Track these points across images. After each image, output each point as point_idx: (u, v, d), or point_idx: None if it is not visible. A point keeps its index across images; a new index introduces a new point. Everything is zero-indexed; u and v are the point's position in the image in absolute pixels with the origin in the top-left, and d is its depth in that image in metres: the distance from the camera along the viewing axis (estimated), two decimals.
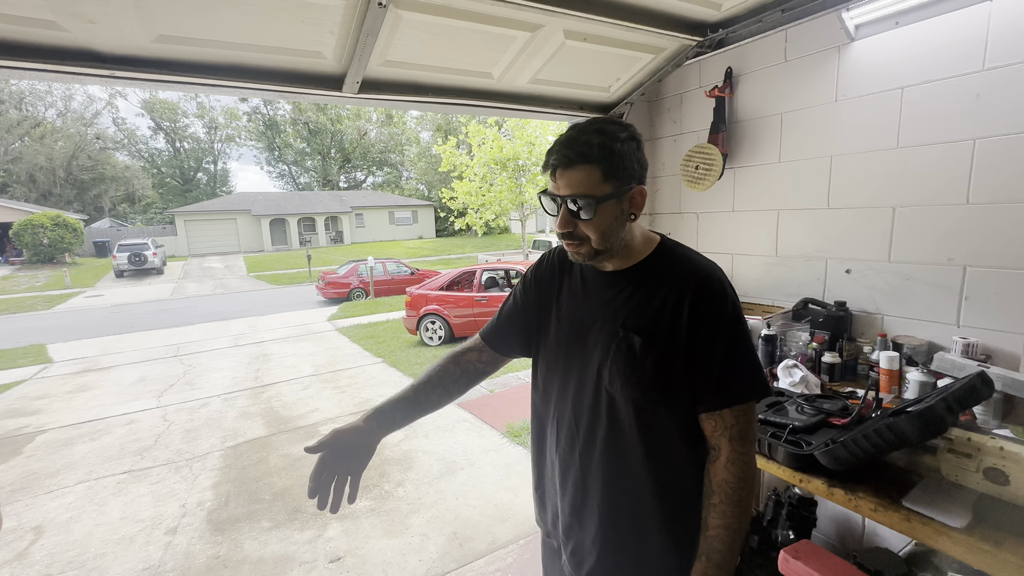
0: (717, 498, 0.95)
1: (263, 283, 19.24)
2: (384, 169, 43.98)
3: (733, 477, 0.94)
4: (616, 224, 0.96)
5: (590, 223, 0.94)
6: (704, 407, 0.96)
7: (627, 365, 0.97)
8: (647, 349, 0.96)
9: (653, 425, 0.98)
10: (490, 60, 1.79)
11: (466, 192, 14.55)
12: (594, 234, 0.95)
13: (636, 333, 0.97)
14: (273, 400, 5.41)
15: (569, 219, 0.94)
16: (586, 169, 0.91)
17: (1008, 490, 1.02)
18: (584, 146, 0.90)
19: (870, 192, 1.86)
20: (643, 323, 0.97)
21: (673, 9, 1.69)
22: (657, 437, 0.98)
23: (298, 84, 1.65)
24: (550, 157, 0.94)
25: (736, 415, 0.94)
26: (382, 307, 12.06)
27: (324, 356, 7.51)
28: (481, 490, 3.10)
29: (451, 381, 1.19)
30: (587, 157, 0.90)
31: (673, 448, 0.99)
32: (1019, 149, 1.49)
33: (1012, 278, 1.54)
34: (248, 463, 3.80)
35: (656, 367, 0.95)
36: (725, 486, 0.94)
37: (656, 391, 0.96)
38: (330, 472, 1.01)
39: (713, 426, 0.96)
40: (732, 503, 0.94)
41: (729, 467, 0.94)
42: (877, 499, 1.14)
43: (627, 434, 1.00)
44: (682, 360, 0.95)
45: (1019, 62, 1.47)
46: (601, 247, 0.96)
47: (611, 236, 0.96)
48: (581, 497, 1.07)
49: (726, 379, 0.94)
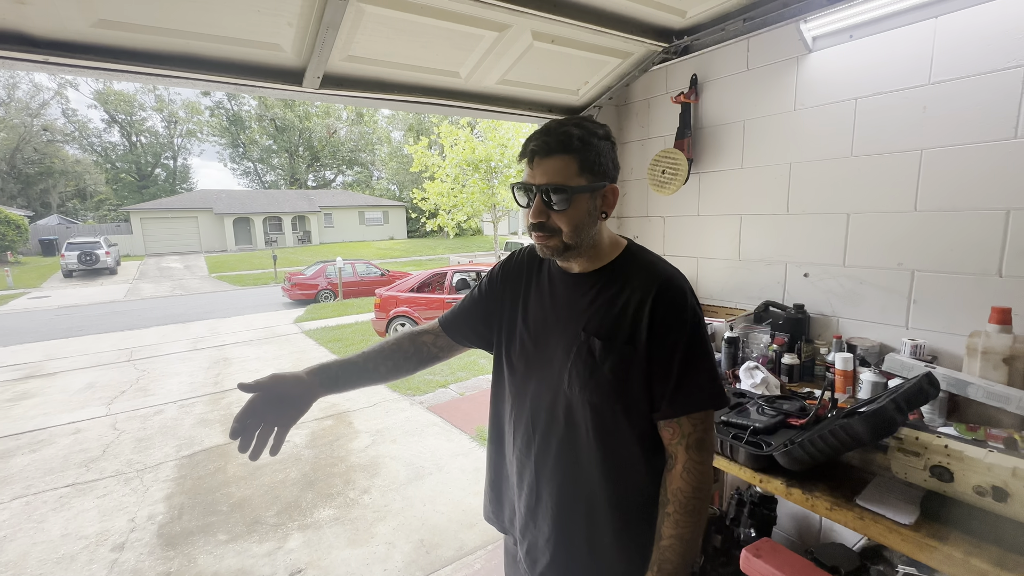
0: (672, 507, 0.94)
1: (225, 284, 18.52)
2: (354, 168, 43.19)
3: (688, 486, 0.93)
4: (588, 220, 0.95)
5: (563, 215, 0.93)
6: (661, 414, 0.95)
7: (586, 369, 0.96)
8: (606, 353, 0.95)
9: (611, 431, 0.97)
10: (457, 59, 1.76)
11: (438, 193, 14.42)
12: (566, 227, 0.94)
13: (596, 337, 0.96)
14: (234, 406, 5.19)
15: (543, 209, 0.94)
16: (564, 159, 0.90)
17: (952, 487, 1.05)
18: (564, 136, 0.91)
19: (826, 199, 1.92)
20: (604, 327, 0.97)
21: (640, 15, 1.71)
22: (614, 443, 0.98)
23: (256, 77, 1.58)
24: (529, 144, 0.93)
25: (693, 423, 0.94)
26: (351, 309, 11.80)
27: (289, 359, 7.28)
28: (449, 495, 3.05)
29: (402, 357, 1.17)
30: (566, 147, 0.90)
31: (630, 455, 0.98)
32: (961, 160, 1.57)
33: (955, 282, 1.61)
34: (204, 473, 3.63)
35: (614, 372, 0.95)
36: (680, 495, 0.93)
37: (614, 396, 0.96)
38: (258, 418, 0.95)
39: (671, 434, 0.95)
40: (686, 512, 0.93)
41: (685, 476, 0.93)
42: (832, 498, 1.16)
43: (583, 439, 0.99)
44: (641, 366, 0.94)
45: (961, 77, 1.55)
46: (571, 241, 0.95)
47: (582, 231, 0.95)
48: (535, 499, 1.07)
49: (683, 386, 0.93)
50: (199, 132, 39.46)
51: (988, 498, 1.00)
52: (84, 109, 60.89)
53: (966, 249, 1.59)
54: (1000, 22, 1.47)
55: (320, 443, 4.00)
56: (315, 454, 3.78)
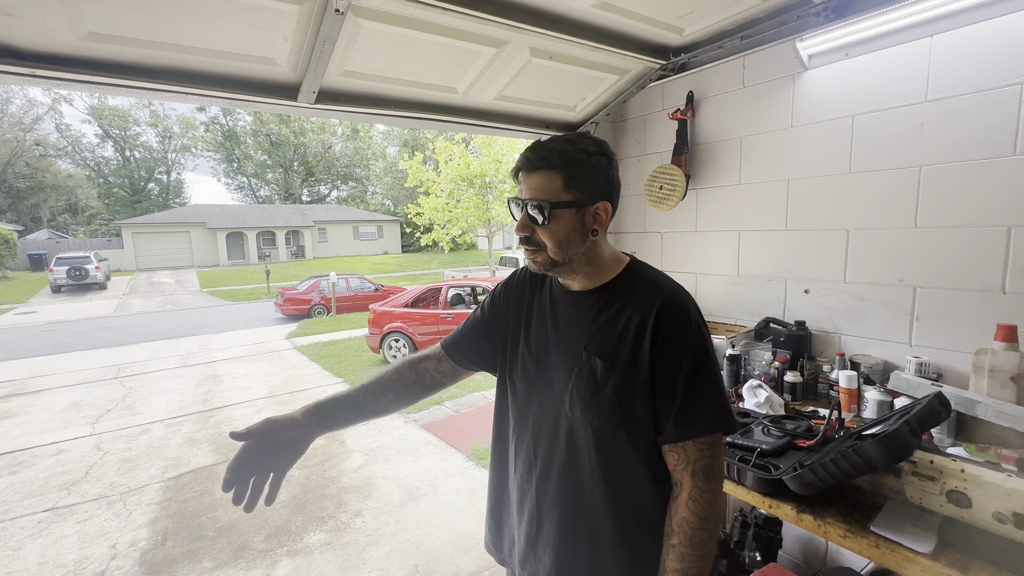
0: (676, 539, 0.89)
1: (217, 299, 18.32)
2: (349, 183, 43.29)
3: (694, 516, 0.87)
4: (575, 236, 0.93)
5: (546, 229, 0.92)
6: (666, 438, 0.91)
7: (588, 389, 0.93)
8: (608, 373, 0.92)
9: (614, 455, 0.93)
10: (455, 75, 1.75)
11: (432, 208, 14.46)
12: (550, 242, 0.93)
13: (598, 356, 0.93)
14: (223, 425, 5.07)
15: (527, 223, 0.94)
16: (547, 175, 0.91)
17: (970, 513, 1.02)
18: (548, 152, 0.91)
19: (825, 215, 1.91)
20: (606, 346, 0.93)
21: (637, 32, 1.71)
22: (618, 468, 0.93)
23: (250, 92, 1.56)
24: (518, 160, 0.94)
25: (700, 448, 0.89)
26: (344, 324, 11.69)
27: (280, 376, 7.16)
28: (444, 518, 2.96)
29: (404, 387, 1.11)
30: (549, 163, 0.91)
31: (635, 482, 0.94)
32: (960, 176, 1.56)
33: (958, 299, 1.59)
34: (191, 495, 3.51)
35: (617, 392, 0.91)
36: (685, 526, 0.88)
37: (617, 418, 0.92)
38: (251, 466, 0.89)
39: (676, 459, 0.91)
40: (692, 545, 0.87)
41: (690, 505, 0.88)
42: (846, 525, 1.12)
43: (586, 463, 0.95)
44: (644, 386, 0.90)
45: (958, 95, 1.55)
46: (557, 257, 0.94)
47: (568, 247, 0.93)
48: (536, 527, 1.02)
49: (688, 409, 0.88)
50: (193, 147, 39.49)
51: (1009, 525, 0.96)
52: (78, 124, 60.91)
53: (968, 266, 1.57)
54: (995, 40, 1.48)
55: (311, 463, 3.89)
56: (306, 475, 3.67)
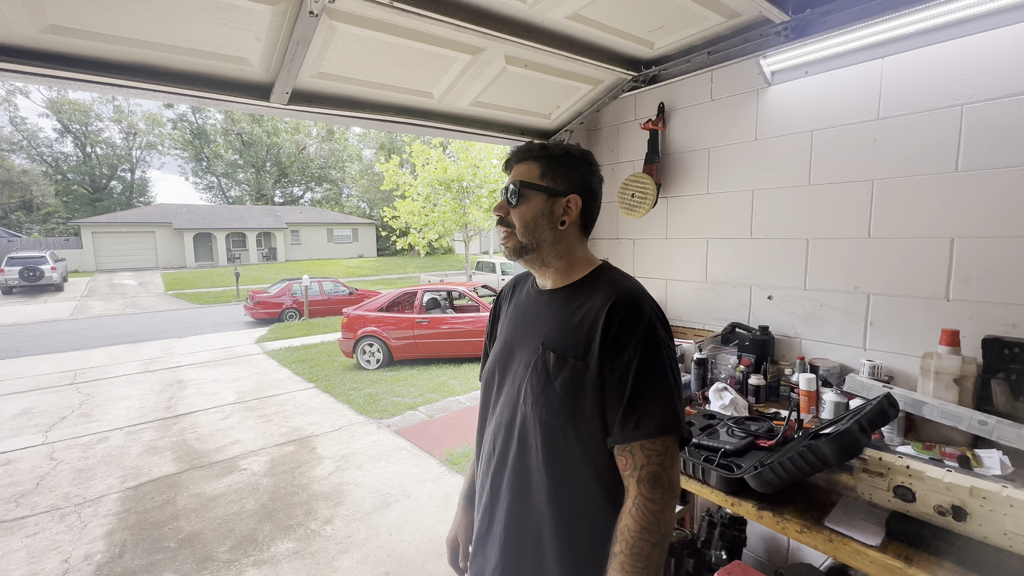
0: (618, 547, 0.84)
1: (183, 302, 17.71)
2: (324, 185, 42.50)
3: (636, 525, 0.83)
4: (542, 222, 0.99)
5: (516, 210, 1.01)
6: (613, 439, 0.89)
7: (539, 383, 0.95)
8: (559, 367, 0.93)
9: (560, 452, 0.92)
10: (431, 80, 1.76)
11: (409, 211, 14.37)
12: (518, 222, 1.00)
13: (552, 351, 0.95)
14: (187, 432, 4.90)
15: (503, 204, 1.03)
16: (528, 164, 1.02)
17: (914, 507, 1.08)
18: (533, 146, 1.04)
19: (787, 224, 1.99)
20: (559, 340, 0.95)
21: (610, 44, 1.76)
22: (564, 468, 0.92)
23: (221, 91, 1.54)
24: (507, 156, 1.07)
25: (647, 454, 0.85)
26: (317, 328, 11.46)
27: (249, 382, 6.96)
28: (417, 524, 2.93)
29: None
30: (532, 154, 1.02)
31: (581, 484, 0.92)
32: (909, 190, 1.66)
33: (907, 305, 1.69)
34: (151, 505, 3.37)
35: (565, 388, 0.91)
36: (627, 534, 0.84)
37: (564, 414, 0.92)
38: None
39: (624, 463, 0.88)
40: (632, 555, 0.82)
41: (633, 513, 0.84)
42: (802, 521, 1.17)
43: (533, 460, 0.95)
44: (593, 384, 0.90)
45: (907, 113, 1.65)
46: (524, 239, 1.00)
47: (535, 231, 0.99)
48: (487, 523, 1.04)
49: (636, 409, 0.86)
50: (160, 145, 38.05)
51: (949, 517, 1.02)
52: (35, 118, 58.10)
53: (916, 274, 1.67)
54: (939, 64, 1.58)
55: (280, 471, 3.80)
56: (274, 483, 3.58)
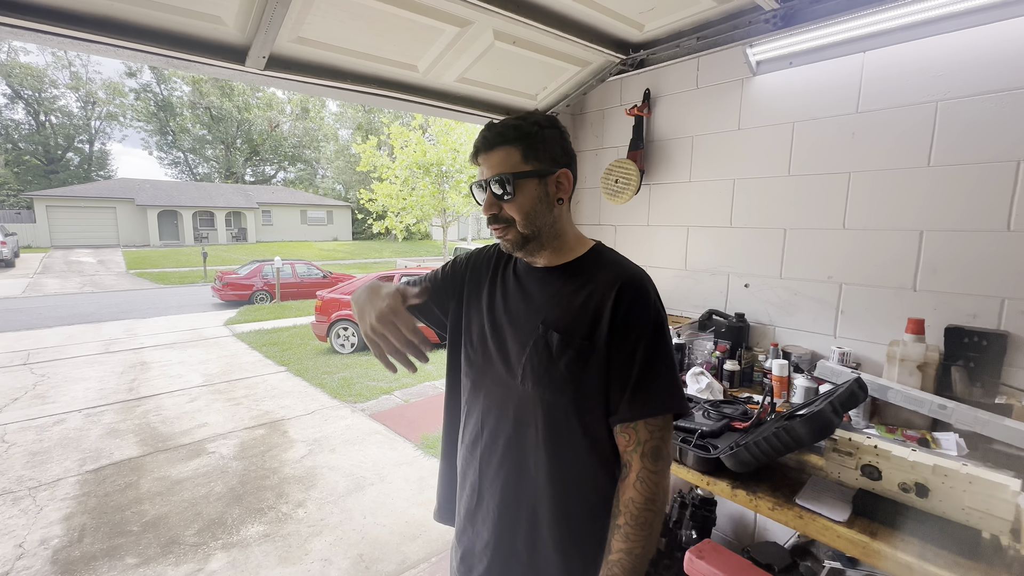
0: (622, 519, 0.89)
1: (146, 282, 17.02)
2: (297, 165, 41.23)
3: (641, 497, 0.88)
4: (541, 207, 0.96)
5: (512, 203, 0.94)
6: (618, 417, 0.91)
7: (541, 363, 0.94)
8: (564, 347, 0.92)
9: (561, 432, 0.94)
10: (416, 52, 1.70)
11: (386, 195, 14.08)
12: (517, 215, 0.94)
13: (555, 330, 0.94)
14: (151, 415, 4.73)
15: (493, 201, 0.95)
16: (505, 150, 0.93)
17: (880, 484, 1.12)
18: (503, 128, 0.94)
19: (766, 214, 2.03)
20: (563, 321, 0.94)
21: (600, 24, 1.74)
22: (564, 446, 0.94)
23: (192, 51, 1.44)
24: (474, 144, 0.96)
25: (651, 430, 0.90)
26: (289, 312, 11.21)
27: (217, 364, 6.76)
28: (392, 507, 2.92)
29: None
30: (505, 138, 0.94)
31: (581, 461, 0.95)
32: (884, 183, 1.71)
33: (877, 295, 1.75)
34: (112, 489, 3.25)
35: (570, 367, 0.92)
36: (632, 506, 0.88)
37: (568, 394, 0.93)
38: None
39: (627, 440, 0.91)
40: (637, 525, 0.88)
41: (638, 486, 0.89)
42: (774, 498, 1.21)
43: (532, 439, 0.95)
44: (599, 365, 0.91)
45: (885, 108, 1.69)
46: (526, 230, 0.96)
47: (536, 219, 0.95)
48: (476, 500, 1.03)
49: (642, 389, 0.89)
50: (122, 116, 36.06)
51: (912, 494, 1.07)
52: None
53: (886, 265, 1.73)
54: (918, 60, 1.62)
55: (250, 454, 3.71)
56: (244, 466, 3.50)
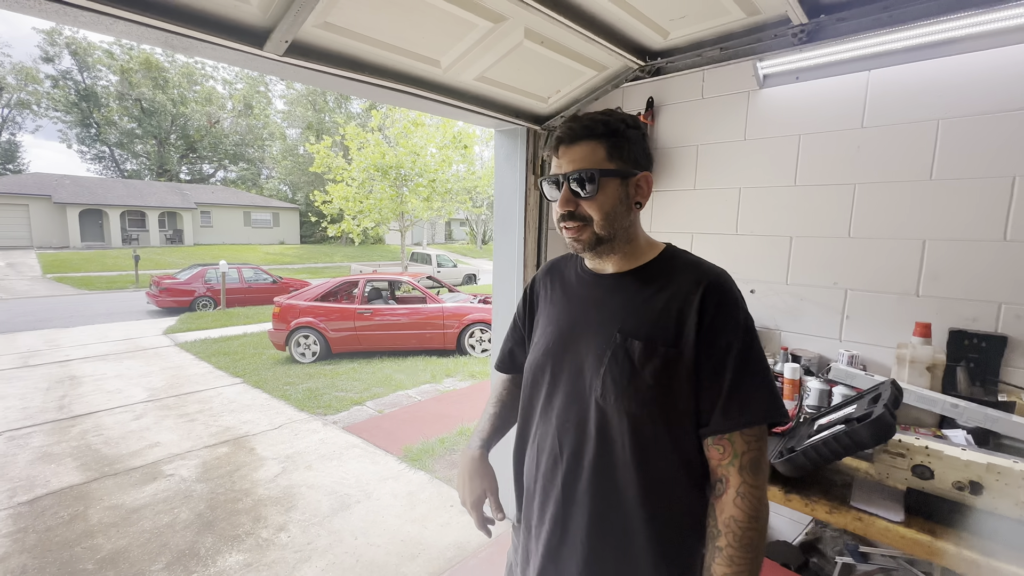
0: (723, 540, 0.83)
1: (67, 287, 15.46)
2: (239, 164, 38.98)
3: (743, 515, 0.82)
4: (620, 208, 0.91)
5: (593, 201, 0.89)
6: (711, 429, 0.86)
7: (623, 374, 0.87)
8: (647, 356, 0.86)
9: (649, 447, 0.87)
10: (443, 46, 1.62)
11: (343, 197, 13.59)
12: (597, 214, 0.90)
13: (635, 338, 0.87)
14: (90, 435, 4.24)
15: (571, 198, 0.90)
16: (591, 145, 0.89)
17: (931, 484, 1.16)
18: (590, 122, 0.90)
19: (772, 222, 2.10)
20: (643, 327, 0.88)
21: (626, 28, 1.73)
22: (655, 463, 0.87)
23: (202, 28, 1.29)
24: (554, 134, 0.91)
25: (747, 441, 0.84)
26: (237, 319, 10.51)
27: (161, 377, 6.20)
28: (384, 525, 2.76)
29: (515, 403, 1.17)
30: (592, 132, 0.89)
31: (673, 478, 0.88)
32: (888, 195, 1.81)
33: (881, 300, 1.84)
34: (55, 523, 2.86)
35: (657, 377, 0.85)
36: (734, 525, 0.82)
37: (656, 406, 0.86)
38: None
39: (721, 453, 0.85)
40: (742, 547, 0.81)
41: (738, 502, 0.82)
42: (830, 503, 1.22)
43: (620, 457, 0.88)
44: (687, 372, 0.85)
45: (889, 124, 1.79)
46: (603, 232, 0.91)
47: (614, 220, 0.91)
48: (560, 535, 0.94)
49: (737, 397, 0.84)
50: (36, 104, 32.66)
51: (966, 492, 1.11)
52: None
53: (890, 272, 1.82)
54: (921, 81, 1.73)
55: (216, 475, 3.40)
56: (210, 489, 3.20)
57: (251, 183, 38.64)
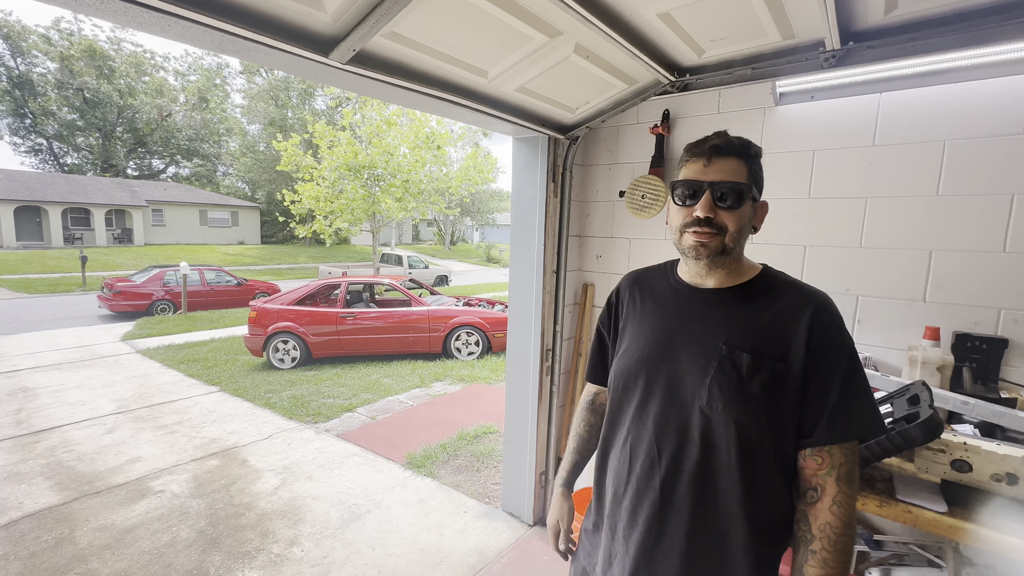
0: (818, 544, 0.89)
1: (4, 291, 14.27)
2: (193, 160, 37.06)
3: (839, 522, 0.88)
4: (747, 226, 0.99)
5: (733, 213, 0.95)
6: (812, 441, 0.92)
7: (731, 385, 0.92)
8: (755, 369, 0.92)
9: (755, 454, 0.93)
10: (496, 57, 1.64)
11: (312, 196, 13.17)
12: (733, 225, 0.96)
13: (742, 350, 0.93)
14: (59, 451, 3.95)
15: (712, 205, 0.95)
16: (739, 161, 0.97)
17: (969, 476, 1.28)
18: (740, 140, 0.98)
19: (786, 232, 2.22)
20: (749, 340, 0.94)
21: (666, 45, 1.79)
22: (758, 471, 0.93)
23: (267, 32, 1.25)
24: (708, 141, 0.97)
25: (845, 453, 0.91)
26: (201, 323, 10.02)
27: (128, 387, 5.84)
28: (400, 534, 2.71)
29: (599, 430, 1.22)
30: (743, 152, 0.97)
31: (773, 485, 0.94)
32: (898, 208, 1.95)
33: (890, 306, 1.99)
34: (39, 548, 2.65)
35: (765, 389, 0.91)
36: (828, 531, 0.88)
37: (764, 416, 0.92)
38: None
39: (818, 464, 0.91)
40: (836, 551, 0.88)
41: (835, 510, 0.89)
42: (879, 498, 1.32)
43: (724, 463, 0.93)
44: (794, 386, 0.91)
45: (898, 143, 1.94)
46: (731, 243, 0.97)
47: (741, 235, 0.98)
48: (655, 535, 0.98)
49: (843, 410, 0.90)
50: None
51: (1003, 483, 1.23)
52: None
53: (899, 280, 1.97)
54: (928, 103, 1.88)
55: (211, 489, 3.25)
56: (208, 504, 3.05)
57: (206, 180, 36.82)
